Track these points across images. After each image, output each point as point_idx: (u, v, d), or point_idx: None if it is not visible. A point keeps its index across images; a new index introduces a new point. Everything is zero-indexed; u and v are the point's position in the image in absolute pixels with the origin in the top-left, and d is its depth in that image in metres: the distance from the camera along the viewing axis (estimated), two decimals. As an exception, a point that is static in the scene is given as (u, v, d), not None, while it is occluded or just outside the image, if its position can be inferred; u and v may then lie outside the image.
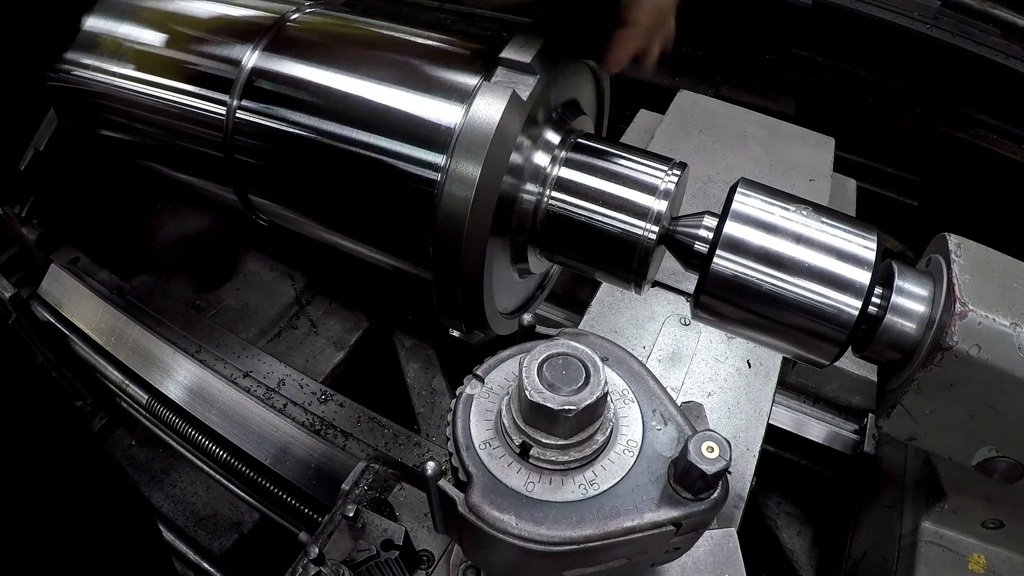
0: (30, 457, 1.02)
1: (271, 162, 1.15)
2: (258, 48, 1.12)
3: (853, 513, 1.38)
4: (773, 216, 0.86)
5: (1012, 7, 2.15)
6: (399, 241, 1.10)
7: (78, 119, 1.39)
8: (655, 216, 0.93)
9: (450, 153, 0.93)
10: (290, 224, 1.25)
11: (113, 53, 1.25)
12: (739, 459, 1.09)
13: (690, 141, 1.62)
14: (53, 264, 1.63)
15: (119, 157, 1.42)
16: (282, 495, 1.33)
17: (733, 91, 2.27)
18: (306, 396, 1.38)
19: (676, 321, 1.26)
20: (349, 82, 1.04)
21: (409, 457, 1.26)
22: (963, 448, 0.89)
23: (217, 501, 1.65)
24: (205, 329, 1.50)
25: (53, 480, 1.05)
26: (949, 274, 0.84)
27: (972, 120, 2.15)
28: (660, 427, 0.69)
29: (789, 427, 1.50)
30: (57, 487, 1.05)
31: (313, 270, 1.89)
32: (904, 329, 0.86)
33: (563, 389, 0.62)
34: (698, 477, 0.62)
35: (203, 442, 1.40)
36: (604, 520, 0.63)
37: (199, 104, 1.16)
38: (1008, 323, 0.80)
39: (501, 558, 0.65)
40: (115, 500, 1.21)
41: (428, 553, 0.95)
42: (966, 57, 2.01)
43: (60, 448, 1.10)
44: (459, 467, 0.66)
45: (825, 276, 0.84)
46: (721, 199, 0.92)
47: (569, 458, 0.64)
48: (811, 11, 2.10)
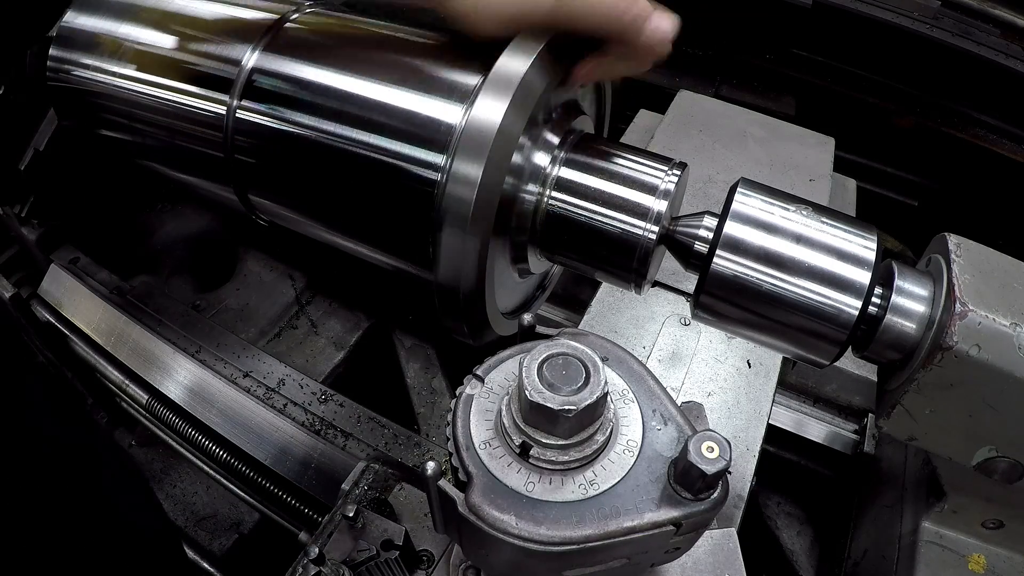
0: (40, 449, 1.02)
1: (271, 162, 1.14)
2: (258, 48, 1.12)
3: (853, 513, 1.38)
4: (773, 216, 0.86)
5: (1012, 7, 2.15)
6: (399, 241, 1.10)
7: (78, 119, 1.39)
8: (655, 216, 0.93)
9: (451, 153, 0.93)
10: (290, 224, 1.25)
11: (113, 53, 1.25)
12: (739, 459, 1.09)
13: (690, 141, 1.62)
14: (53, 264, 1.63)
15: (119, 157, 1.42)
16: (282, 495, 1.33)
17: (733, 91, 2.27)
18: (306, 396, 1.38)
19: (676, 321, 1.26)
20: (349, 82, 1.04)
21: (409, 457, 1.26)
22: (963, 448, 0.89)
23: (217, 501, 1.65)
24: (205, 329, 1.50)
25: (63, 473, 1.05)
26: (949, 274, 0.84)
27: (972, 120, 2.15)
28: (660, 427, 0.69)
29: (789, 427, 1.50)
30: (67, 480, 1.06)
31: (313, 270, 1.88)
32: (904, 329, 0.86)
33: (563, 389, 0.62)
34: (698, 477, 0.62)
35: (203, 442, 1.40)
36: (604, 520, 0.63)
37: (199, 104, 1.16)
38: (1008, 323, 0.80)
39: (501, 558, 0.65)
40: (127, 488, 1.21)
41: (428, 553, 0.95)
42: (966, 57, 2.01)
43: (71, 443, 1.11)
44: (459, 467, 0.66)
45: (825, 276, 0.84)
46: (721, 199, 0.92)
47: (569, 458, 0.65)
48: (811, 11, 2.10)
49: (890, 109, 2.20)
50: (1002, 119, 2.12)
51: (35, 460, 1.01)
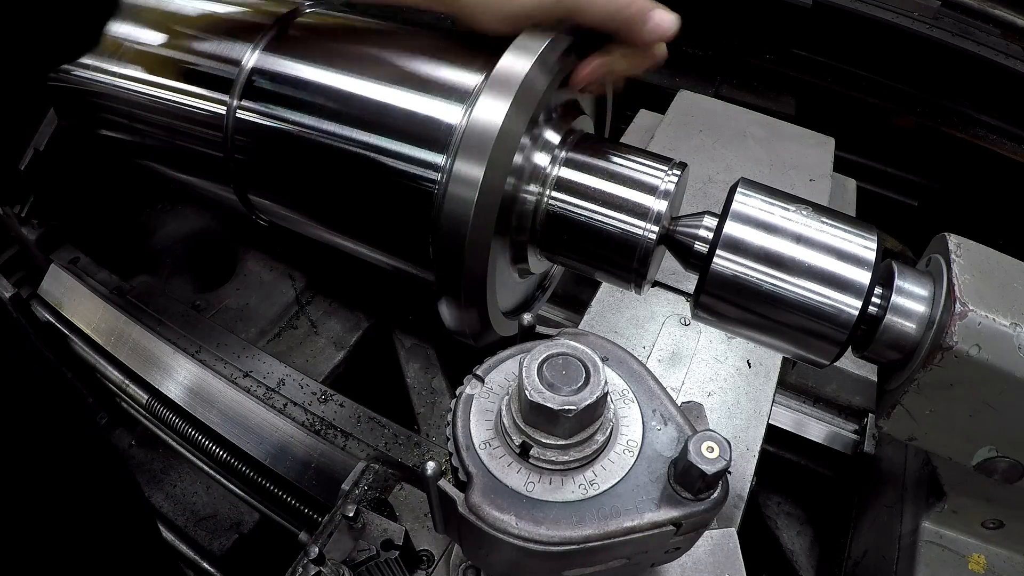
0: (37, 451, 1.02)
1: (271, 162, 1.15)
2: (258, 48, 1.12)
3: (853, 513, 1.38)
4: (773, 216, 0.86)
5: (1012, 7, 2.15)
6: (399, 241, 1.10)
7: (78, 119, 1.39)
8: (655, 216, 0.93)
9: (451, 153, 0.93)
10: (290, 224, 1.25)
11: (113, 53, 1.25)
12: (739, 459, 1.09)
13: (690, 141, 1.62)
14: (53, 264, 1.63)
15: (119, 157, 1.42)
16: (282, 495, 1.33)
17: (733, 91, 2.27)
18: (306, 396, 1.38)
19: (676, 321, 1.26)
20: (349, 82, 1.04)
21: (409, 457, 1.26)
22: (963, 448, 0.89)
23: (217, 501, 1.66)
24: (205, 329, 1.50)
25: (58, 474, 1.05)
26: (949, 274, 0.84)
27: (972, 120, 2.15)
28: (660, 427, 0.69)
29: (789, 427, 1.50)
30: (62, 481, 1.05)
31: (313, 270, 1.89)
32: (904, 329, 0.86)
33: (563, 389, 0.62)
34: (698, 477, 0.62)
35: (203, 442, 1.40)
36: (604, 520, 0.63)
37: (199, 104, 1.16)
38: (1008, 323, 0.80)
39: (501, 558, 0.65)
40: (118, 499, 1.21)
41: (428, 553, 0.95)
42: (966, 57, 2.01)
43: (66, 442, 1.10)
44: (459, 467, 0.66)
45: (825, 276, 0.84)
46: (721, 199, 0.92)
47: (569, 458, 0.65)
48: (811, 11, 2.10)
49: (890, 109, 2.20)
50: (1002, 119, 2.12)
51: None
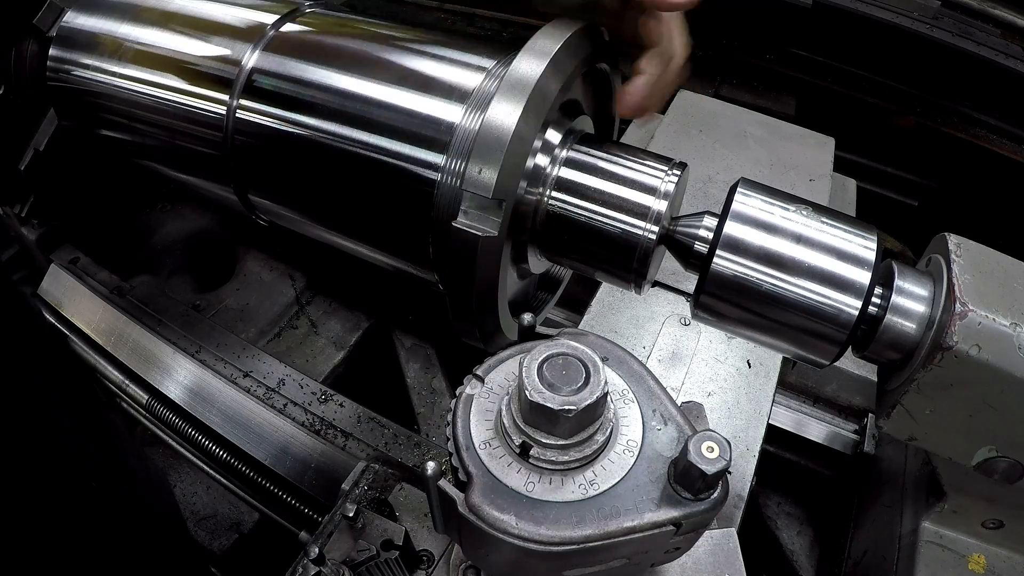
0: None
1: (271, 162, 1.15)
2: (258, 47, 1.12)
3: (853, 513, 1.38)
4: (773, 216, 0.86)
5: (1012, 7, 2.15)
6: (398, 241, 1.10)
7: (78, 119, 1.39)
8: (655, 216, 0.93)
9: (451, 154, 0.93)
10: (290, 224, 1.25)
11: (113, 53, 1.25)
12: (739, 459, 1.09)
13: (690, 141, 1.62)
14: (53, 264, 1.63)
15: (119, 157, 1.42)
16: (282, 495, 1.33)
17: (733, 91, 2.27)
18: (306, 396, 1.38)
19: (676, 321, 1.26)
20: (349, 81, 1.04)
21: (409, 457, 1.26)
22: (963, 448, 0.89)
23: (217, 501, 1.65)
24: (205, 329, 1.50)
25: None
26: (949, 274, 0.84)
27: (972, 120, 2.15)
28: (660, 427, 0.69)
29: (789, 427, 1.50)
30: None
31: (313, 270, 1.89)
32: (904, 329, 0.86)
33: (563, 389, 0.62)
34: (698, 477, 0.62)
35: (203, 442, 1.40)
36: (604, 520, 0.63)
37: (199, 103, 1.16)
38: (1008, 323, 0.80)
39: (501, 558, 0.65)
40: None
41: (428, 553, 0.95)
42: (966, 57, 2.01)
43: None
44: (459, 467, 0.66)
45: (825, 276, 0.84)
46: (721, 199, 0.92)
47: (569, 458, 0.65)
48: (811, 11, 2.10)
49: (890, 109, 2.20)
50: (1002, 119, 2.12)
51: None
